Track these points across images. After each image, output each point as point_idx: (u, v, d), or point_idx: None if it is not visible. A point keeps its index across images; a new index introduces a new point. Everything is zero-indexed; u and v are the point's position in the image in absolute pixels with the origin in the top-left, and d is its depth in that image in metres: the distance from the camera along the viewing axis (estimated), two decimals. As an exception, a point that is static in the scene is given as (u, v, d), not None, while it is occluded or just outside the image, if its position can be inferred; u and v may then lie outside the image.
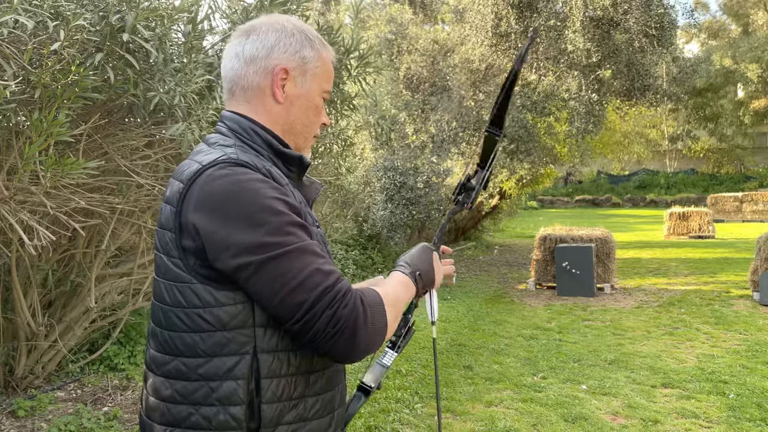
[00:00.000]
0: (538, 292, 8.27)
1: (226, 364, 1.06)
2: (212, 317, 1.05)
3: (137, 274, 3.96)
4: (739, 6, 33.71)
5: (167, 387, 1.10)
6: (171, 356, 1.10)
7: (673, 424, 3.69)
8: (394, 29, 10.72)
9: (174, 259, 1.08)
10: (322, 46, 1.23)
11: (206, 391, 1.06)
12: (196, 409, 1.07)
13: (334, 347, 1.03)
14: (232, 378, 1.06)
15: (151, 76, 2.88)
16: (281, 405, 1.08)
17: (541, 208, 29.72)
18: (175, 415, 1.09)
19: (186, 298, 1.07)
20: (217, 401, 1.06)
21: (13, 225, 2.55)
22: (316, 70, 1.21)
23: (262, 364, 1.06)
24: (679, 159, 37.10)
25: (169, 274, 1.09)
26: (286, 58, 1.18)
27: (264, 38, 1.18)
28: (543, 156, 10.97)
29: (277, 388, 1.07)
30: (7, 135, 2.79)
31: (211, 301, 1.05)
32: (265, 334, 1.07)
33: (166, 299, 1.10)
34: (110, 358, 4.33)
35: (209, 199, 1.03)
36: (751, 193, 20.96)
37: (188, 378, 1.08)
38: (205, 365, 1.06)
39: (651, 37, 9.94)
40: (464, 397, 4.15)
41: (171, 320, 1.09)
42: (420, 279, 1.27)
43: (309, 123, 1.23)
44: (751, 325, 6.07)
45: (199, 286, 1.06)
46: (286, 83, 1.18)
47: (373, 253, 9.40)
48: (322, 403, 1.14)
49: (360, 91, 4.29)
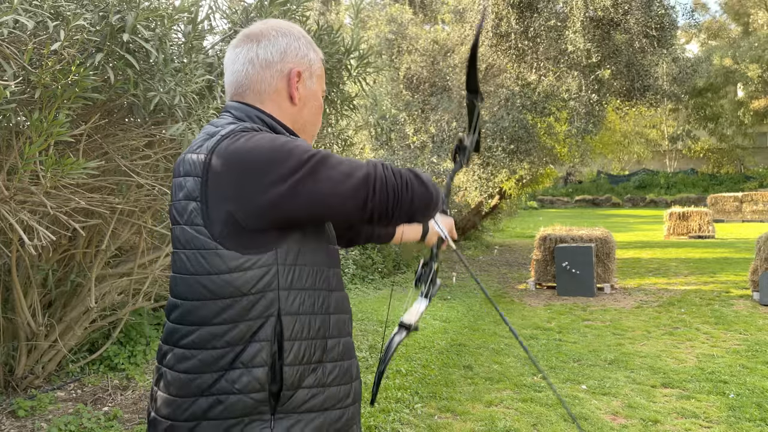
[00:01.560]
0: (538, 292, 8.27)
1: (252, 327, 1.10)
2: (239, 281, 1.09)
3: (137, 274, 3.96)
4: (739, 6, 33.71)
5: (188, 358, 1.12)
6: (195, 326, 1.12)
7: (673, 424, 3.69)
8: (394, 29, 10.72)
9: (198, 227, 1.11)
10: (318, 49, 1.33)
11: (232, 356, 1.10)
12: (221, 375, 1.10)
13: (390, 216, 1.12)
14: (256, 340, 1.10)
15: (151, 76, 2.88)
16: (302, 368, 1.12)
17: (541, 208, 29.72)
18: (198, 385, 1.11)
19: (211, 264, 1.10)
20: (242, 364, 1.09)
21: (13, 225, 2.55)
22: (318, 71, 1.30)
23: (285, 326, 1.11)
24: (679, 159, 37.11)
25: (194, 243, 1.12)
26: (297, 61, 1.24)
27: (275, 43, 1.23)
28: (543, 156, 10.97)
29: (299, 350, 1.12)
30: (7, 135, 2.79)
31: (236, 266, 1.09)
32: (288, 296, 1.12)
33: (188, 268, 1.13)
34: (110, 358, 4.33)
35: (233, 157, 1.09)
36: (751, 193, 20.97)
37: (213, 346, 1.10)
38: (232, 331, 1.10)
39: (651, 38, 9.94)
40: (464, 397, 4.16)
41: (195, 289, 1.12)
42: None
43: (316, 122, 1.31)
44: (751, 325, 6.07)
45: (224, 251, 1.09)
46: (300, 86, 1.24)
47: (373, 253, 9.40)
48: (340, 371, 1.19)
49: (360, 91, 4.29)
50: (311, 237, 1.16)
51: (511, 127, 9.90)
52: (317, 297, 1.16)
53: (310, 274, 1.15)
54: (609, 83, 10.53)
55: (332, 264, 1.23)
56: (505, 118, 9.97)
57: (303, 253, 1.14)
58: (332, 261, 1.23)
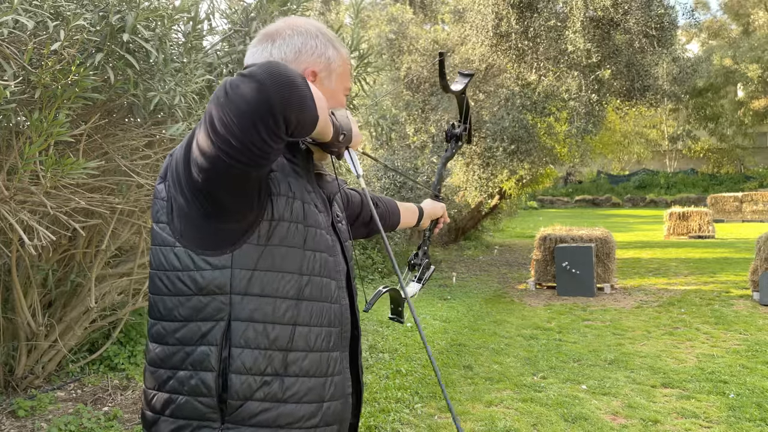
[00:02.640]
0: (538, 292, 8.27)
1: (201, 329, 1.07)
2: (190, 280, 1.07)
3: (137, 274, 3.96)
4: (740, 6, 33.70)
5: (151, 350, 1.13)
6: (154, 320, 1.13)
7: (673, 424, 3.69)
8: (395, 29, 10.72)
9: (162, 224, 1.11)
10: (341, 46, 1.26)
11: (182, 355, 1.08)
12: (173, 374, 1.09)
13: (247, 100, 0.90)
14: (205, 343, 1.07)
15: (151, 76, 2.88)
16: (250, 378, 1.07)
17: (541, 208, 29.72)
18: (156, 379, 1.12)
19: (168, 261, 1.10)
20: (191, 366, 1.08)
21: (13, 225, 2.55)
22: (339, 69, 1.24)
23: (234, 331, 1.07)
24: (679, 159, 37.11)
25: (157, 239, 1.12)
26: (313, 60, 1.20)
27: (290, 42, 1.20)
28: (543, 156, 10.97)
29: (249, 359, 1.07)
30: (7, 135, 2.79)
31: (189, 265, 1.08)
32: (242, 301, 1.07)
33: (152, 263, 1.14)
34: (110, 358, 4.33)
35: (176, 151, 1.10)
36: (751, 193, 20.97)
37: (166, 342, 1.10)
38: (182, 329, 1.09)
39: (651, 38, 9.94)
40: (464, 397, 4.15)
41: (155, 283, 1.13)
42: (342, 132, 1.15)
43: None
44: (751, 325, 6.07)
45: (181, 249, 1.08)
46: (316, 85, 1.19)
47: (373, 253, 9.40)
48: (303, 388, 1.11)
49: (360, 91, 4.28)
50: (278, 241, 1.09)
51: (511, 127, 9.90)
52: (278, 305, 1.09)
53: (272, 281, 1.08)
54: (609, 83, 10.53)
55: (314, 272, 1.14)
56: (505, 118, 9.97)
57: (265, 258, 1.08)
58: (316, 269, 1.15)
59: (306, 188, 1.18)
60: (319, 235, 1.16)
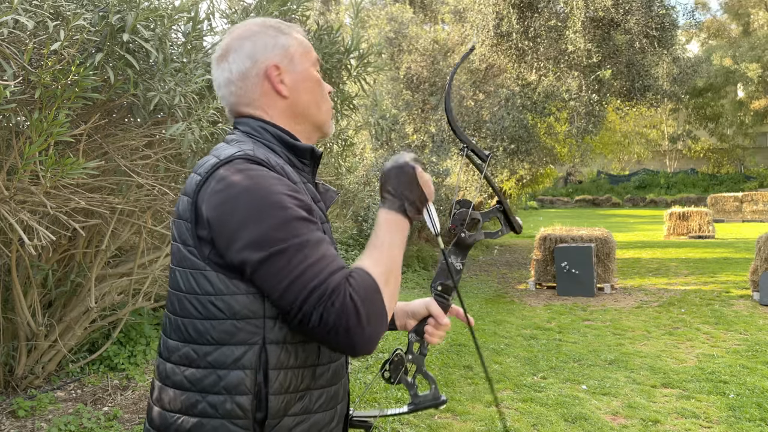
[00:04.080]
0: (538, 292, 8.27)
1: (235, 353, 1.07)
2: (224, 305, 1.07)
3: (137, 274, 3.96)
4: (740, 6, 33.71)
5: (178, 373, 1.12)
6: (183, 342, 1.11)
7: (673, 424, 3.69)
8: (395, 28, 10.73)
9: (190, 248, 1.10)
10: (290, 28, 1.26)
11: (214, 378, 1.08)
12: (203, 397, 1.08)
13: (335, 345, 1.03)
14: (239, 368, 1.07)
15: (151, 76, 2.88)
16: (288, 396, 1.09)
17: (541, 208, 29.72)
18: (183, 402, 1.10)
19: (200, 285, 1.09)
20: (225, 390, 1.07)
21: (13, 225, 2.55)
22: (298, 50, 1.24)
23: (270, 355, 1.08)
24: (679, 159, 37.12)
25: (185, 263, 1.11)
26: (269, 55, 1.20)
27: (241, 51, 1.20)
28: (543, 156, 10.98)
29: (285, 379, 1.09)
30: (7, 135, 2.79)
31: (223, 289, 1.07)
32: (274, 325, 1.08)
33: (180, 286, 1.12)
34: (110, 358, 4.33)
35: (221, 193, 1.06)
36: (751, 193, 20.97)
37: (197, 365, 1.09)
38: (214, 353, 1.08)
39: (651, 38, 9.94)
40: (464, 397, 4.15)
41: (185, 307, 1.11)
42: (411, 207, 1.18)
43: (320, 99, 1.26)
44: (751, 325, 6.07)
45: (213, 273, 1.08)
46: (283, 76, 1.20)
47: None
48: (326, 397, 1.16)
49: (360, 91, 4.28)
50: None
51: (512, 127, 9.91)
52: None
53: None
54: (609, 83, 10.53)
55: None
56: (505, 118, 9.97)
57: None
58: None
59: (316, 197, 1.20)
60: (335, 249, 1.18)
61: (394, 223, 1.17)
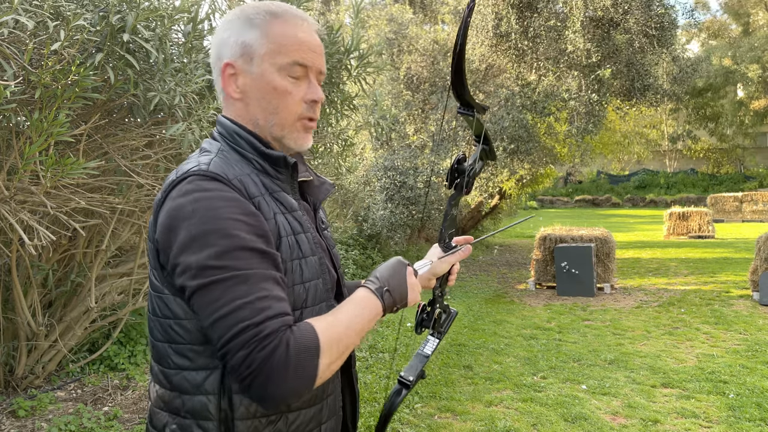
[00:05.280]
0: (538, 292, 8.27)
1: (196, 378, 1.03)
2: (182, 329, 1.03)
3: (137, 274, 3.96)
4: (740, 6, 33.71)
5: (154, 392, 1.11)
6: (154, 362, 1.10)
7: (673, 424, 3.69)
8: (394, 29, 10.73)
9: (153, 270, 1.07)
10: (271, 19, 1.10)
11: (179, 402, 1.05)
12: (173, 418, 1.06)
13: (248, 389, 0.94)
14: (202, 393, 1.03)
15: (151, 76, 2.88)
16: (256, 421, 1.04)
17: (541, 208, 29.72)
18: (158, 421, 1.09)
19: (160, 309, 1.05)
20: (190, 414, 1.04)
21: (13, 225, 2.56)
22: (263, 49, 1.08)
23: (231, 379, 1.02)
24: (679, 159, 37.12)
25: (152, 285, 1.08)
26: (229, 52, 1.10)
27: (213, 43, 1.14)
28: (543, 156, 10.97)
29: (251, 403, 1.03)
30: (7, 135, 2.79)
31: (180, 313, 1.03)
32: None
33: (148, 308, 1.10)
34: (110, 357, 4.33)
35: (168, 214, 1.00)
36: (751, 193, 20.97)
37: (164, 386, 1.07)
38: (176, 377, 1.05)
39: (651, 38, 9.95)
40: (464, 397, 4.16)
41: (151, 328, 1.09)
42: (389, 295, 1.13)
43: (275, 109, 1.10)
44: (751, 325, 6.07)
45: (170, 297, 1.03)
46: (237, 78, 1.10)
47: (373, 253, 9.40)
48: (304, 418, 1.10)
49: (360, 91, 4.29)
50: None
51: (511, 127, 9.91)
52: None
53: None
54: (609, 83, 10.53)
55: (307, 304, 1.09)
56: (505, 118, 9.97)
57: None
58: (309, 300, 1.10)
59: (291, 206, 1.12)
60: (310, 263, 1.12)
61: (366, 301, 1.10)
